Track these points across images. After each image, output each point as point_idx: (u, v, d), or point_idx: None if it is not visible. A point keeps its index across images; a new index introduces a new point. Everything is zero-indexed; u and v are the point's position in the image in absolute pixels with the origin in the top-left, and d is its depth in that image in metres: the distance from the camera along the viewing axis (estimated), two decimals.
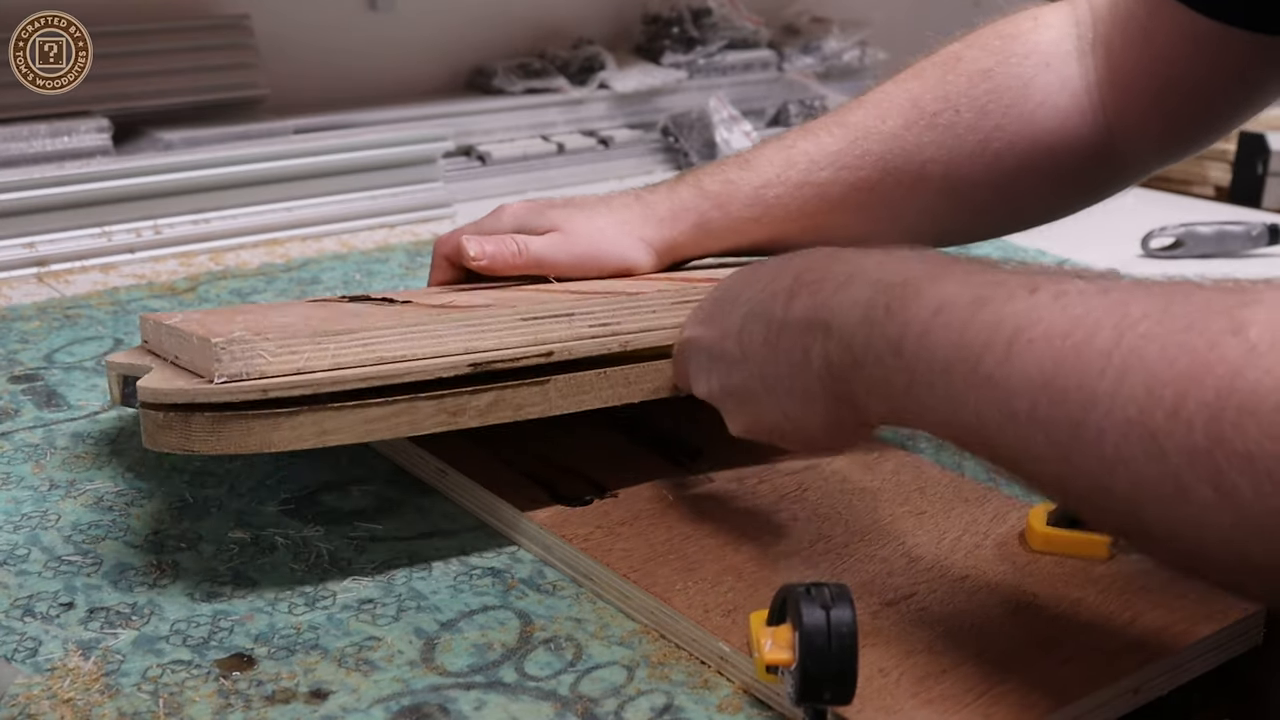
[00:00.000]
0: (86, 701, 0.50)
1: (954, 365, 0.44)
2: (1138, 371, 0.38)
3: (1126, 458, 0.39)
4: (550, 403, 0.61)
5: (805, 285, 0.52)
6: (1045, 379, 0.41)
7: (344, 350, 0.57)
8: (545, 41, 1.54)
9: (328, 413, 0.56)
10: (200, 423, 0.55)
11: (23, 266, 1.09)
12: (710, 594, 0.55)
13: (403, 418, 0.57)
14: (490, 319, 0.61)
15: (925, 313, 0.46)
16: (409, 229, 1.25)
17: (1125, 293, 0.41)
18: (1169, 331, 0.38)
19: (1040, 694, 0.48)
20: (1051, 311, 0.42)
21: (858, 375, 0.49)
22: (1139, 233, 1.15)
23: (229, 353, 0.55)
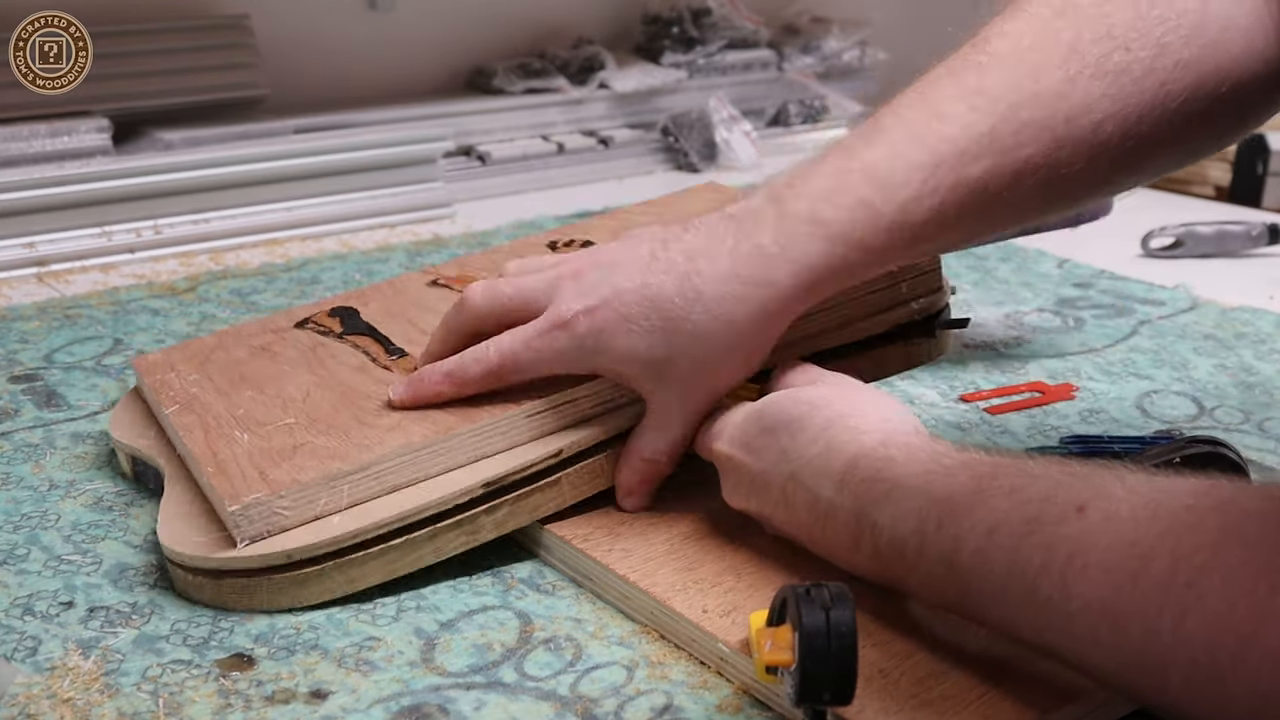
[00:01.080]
0: (86, 701, 0.50)
1: (1010, 586, 0.45)
2: (1197, 613, 0.39)
3: (1195, 693, 0.39)
4: (564, 497, 0.62)
5: (855, 480, 0.52)
6: (1104, 608, 0.41)
7: (358, 488, 0.58)
8: (545, 41, 1.54)
9: (353, 564, 0.57)
10: (230, 586, 0.57)
11: (23, 266, 1.09)
12: (710, 594, 0.55)
13: (425, 550, 0.58)
14: (496, 425, 0.61)
15: (979, 531, 0.46)
16: (409, 229, 1.25)
17: (1174, 518, 0.41)
18: (1226, 567, 0.38)
19: (1040, 694, 0.48)
20: (1105, 537, 0.42)
21: (910, 576, 0.50)
22: (1139, 233, 1.15)
23: (246, 517, 0.56)
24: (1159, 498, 0.42)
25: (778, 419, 0.57)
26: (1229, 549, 0.39)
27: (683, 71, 1.55)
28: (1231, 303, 1.01)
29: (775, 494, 0.56)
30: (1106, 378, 0.86)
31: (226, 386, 0.69)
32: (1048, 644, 0.45)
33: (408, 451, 0.59)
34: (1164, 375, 0.86)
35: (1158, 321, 0.97)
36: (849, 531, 0.52)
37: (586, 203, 1.33)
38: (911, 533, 0.49)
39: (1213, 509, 0.41)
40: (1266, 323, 0.96)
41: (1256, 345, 0.92)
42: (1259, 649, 0.37)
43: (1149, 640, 0.40)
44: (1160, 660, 0.40)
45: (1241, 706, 0.38)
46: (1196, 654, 0.39)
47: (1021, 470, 0.47)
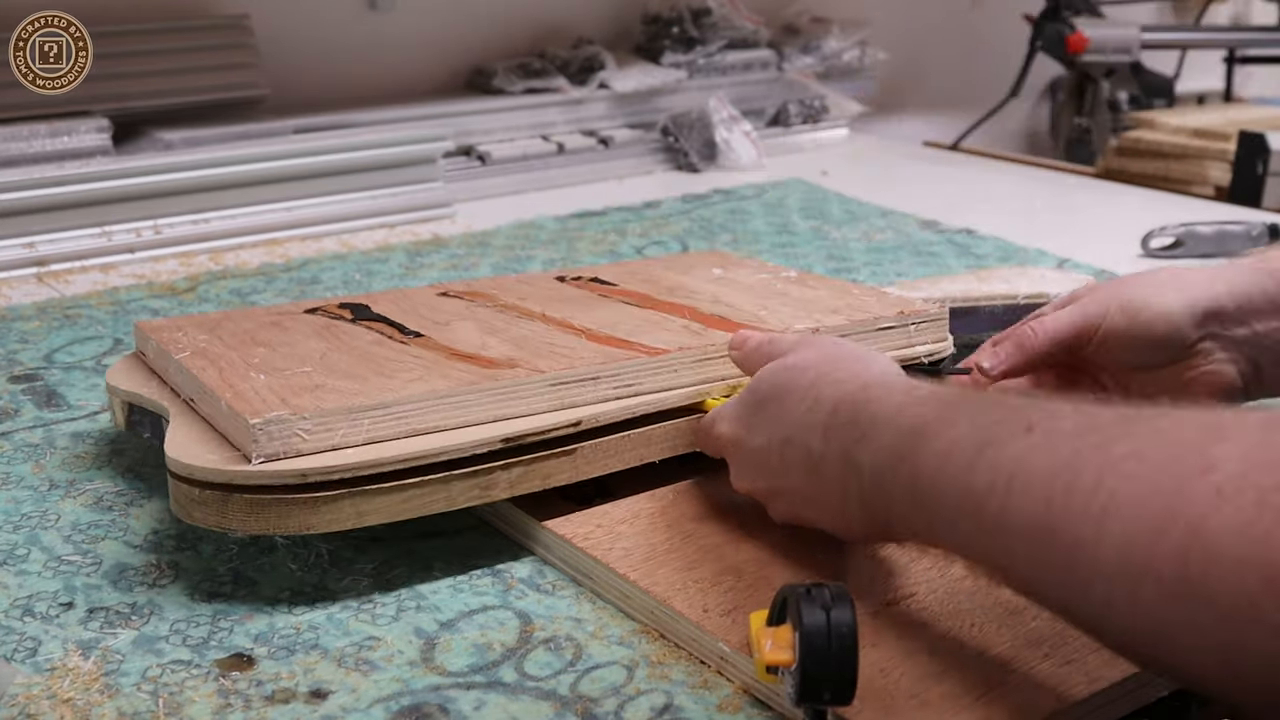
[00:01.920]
0: (86, 701, 0.50)
1: (962, 511, 0.46)
2: (1115, 517, 0.39)
3: (1114, 602, 0.40)
4: (577, 469, 0.62)
5: (838, 426, 0.53)
6: (1038, 524, 0.42)
7: (378, 425, 0.58)
8: (545, 41, 1.54)
9: (365, 496, 0.57)
10: (238, 504, 0.56)
11: (23, 266, 1.09)
12: (710, 594, 0.55)
13: (437, 495, 0.58)
14: (519, 386, 0.62)
15: (935, 459, 0.47)
16: (409, 229, 1.25)
17: (1113, 429, 0.42)
18: (1145, 472, 0.39)
19: (1040, 694, 0.48)
20: (1043, 455, 0.43)
21: (890, 513, 0.51)
22: (1139, 232, 1.15)
23: (266, 433, 0.56)
24: (1102, 414, 0.43)
25: (768, 392, 0.59)
26: (1151, 453, 0.39)
27: (683, 71, 1.54)
28: None
29: (775, 463, 0.57)
30: None
31: (238, 345, 0.69)
32: (996, 567, 0.46)
33: (430, 397, 0.59)
34: None
35: None
36: (838, 481, 0.53)
37: (586, 203, 1.33)
38: (886, 467, 0.50)
39: (1148, 418, 0.41)
40: None
41: None
42: (1163, 547, 0.37)
43: (1075, 554, 0.40)
44: (1085, 572, 0.40)
45: (1151, 611, 0.38)
46: (1113, 559, 0.39)
47: (984, 398, 0.49)
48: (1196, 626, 0.37)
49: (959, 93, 2.01)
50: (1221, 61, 2.05)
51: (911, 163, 1.61)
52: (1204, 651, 0.38)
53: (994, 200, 1.37)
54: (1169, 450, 0.39)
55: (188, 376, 0.65)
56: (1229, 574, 0.36)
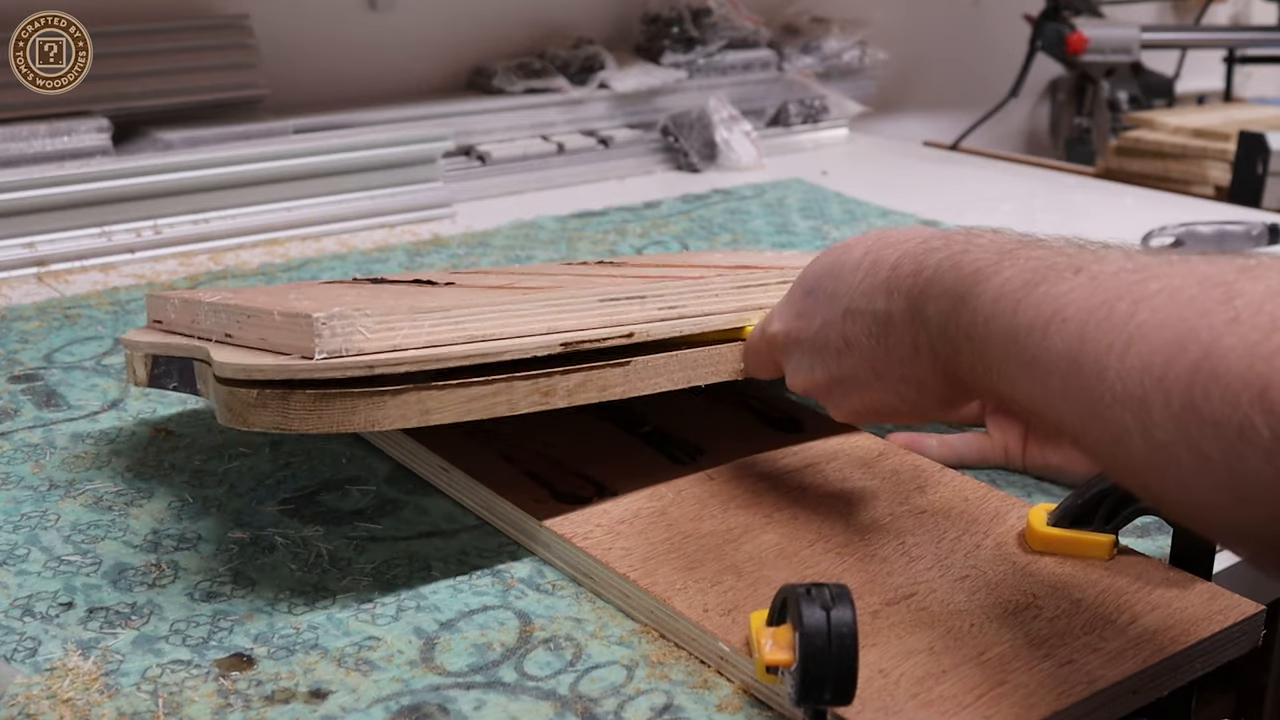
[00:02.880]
0: (86, 701, 0.50)
1: (1009, 349, 0.46)
2: (1137, 344, 0.40)
3: (1130, 428, 0.40)
4: (630, 384, 0.62)
5: (903, 279, 0.53)
6: (1071, 356, 0.42)
7: (438, 328, 0.57)
8: (545, 41, 1.54)
9: (431, 392, 0.55)
10: (300, 400, 0.54)
11: (23, 266, 1.09)
12: (710, 594, 0.55)
13: (500, 397, 0.57)
14: (571, 299, 0.62)
15: (988, 300, 0.47)
16: (409, 229, 1.25)
17: (1154, 269, 0.42)
18: (1174, 303, 0.40)
19: (1040, 694, 0.48)
20: (1085, 291, 0.43)
21: (956, 360, 0.50)
22: (1139, 232, 1.15)
23: (329, 328, 0.55)
24: (1146, 256, 0.43)
25: (819, 273, 0.58)
26: (1184, 287, 0.40)
27: (683, 71, 1.54)
28: None
29: (836, 342, 0.56)
30: None
31: (267, 295, 0.67)
32: (1034, 407, 0.45)
33: (489, 302, 0.59)
34: None
35: None
36: (908, 337, 0.52)
37: (586, 203, 1.33)
38: (949, 310, 0.49)
39: (1186, 259, 0.42)
40: None
41: None
42: (1175, 368, 0.38)
43: (1100, 382, 0.41)
44: (1107, 399, 0.40)
45: (1159, 434, 0.39)
46: (1132, 386, 0.39)
47: (1039, 243, 0.49)
48: (1199, 452, 0.37)
49: (959, 93, 2.01)
50: (1221, 61, 2.05)
51: (911, 163, 1.61)
52: (1205, 480, 0.38)
53: (994, 200, 1.37)
54: (1199, 285, 0.39)
55: (225, 311, 0.63)
56: (1229, 392, 0.36)
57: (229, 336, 0.63)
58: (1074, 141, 2.01)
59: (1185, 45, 2.07)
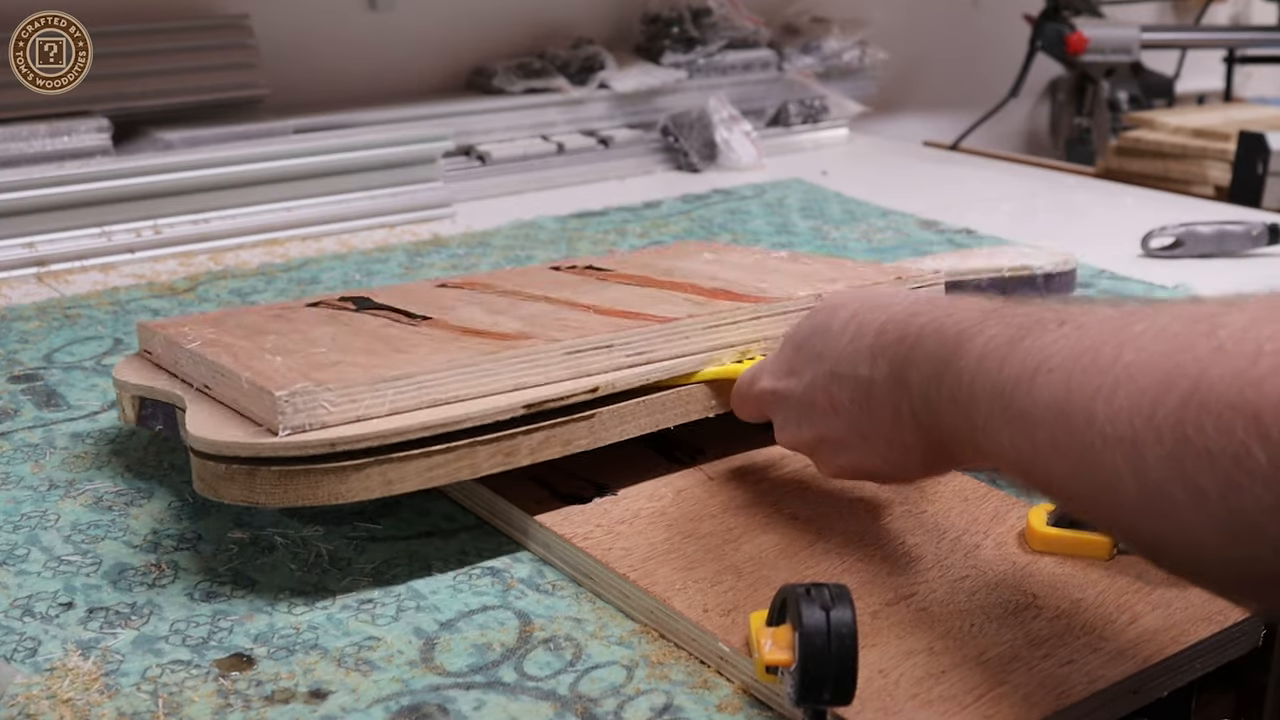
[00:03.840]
0: (86, 701, 0.50)
1: (995, 405, 0.45)
2: (1127, 385, 0.39)
3: (1122, 472, 0.39)
4: (595, 435, 0.63)
5: (887, 345, 0.53)
6: (1059, 406, 0.42)
7: (401, 395, 0.59)
8: (545, 41, 1.54)
9: (393, 464, 0.57)
10: (266, 476, 0.56)
11: (23, 266, 1.09)
12: (710, 594, 0.55)
13: (463, 462, 0.59)
14: (537, 354, 0.63)
15: (973, 359, 0.47)
16: (409, 229, 1.25)
17: (1138, 313, 0.42)
18: (1159, 341, 0.39)
19: (1040, 694, 0.48)
20: (1070, 340, 0.43)
21: (939, 427, 0.50)
22: (1139, 232, 1.15)
23: (292, 405, 0.56)
24: (1131, 302, 0.43)
25: (807, 333, 0.59)
26: (1168, 326, 0.40)
27: (683, 71, 1.54)
28: None
29: (822, 403, 0.56)
30: None
31: (247, 335, 0.69)
32: (1023, 463, 0.45)
33: (451, 366, 0.60)
34: None
35: None
36: (891, 404, 0.52)
37: (586, 203, 1.33)
38: (932, 376, 0.49)
39: (1170, 301, 0.42)
40: None
41: None
42: (1165, 405, 0.37)
43: (1089, 430, 0.40)
44: (1097, 446, 0.40)
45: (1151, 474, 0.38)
46: (1122, 428, 0.39)
47: (1024, 300, 0.48)
48: (1194, 488, 0.37)
49: (959, 93, 2.01)
50: (1221, 61, 2.05)
51: (911, 163, 1.61)
52: (1201, 517, 0.37)
53: (994, 200, 1.37)
54: (1183, 322, 0.39)
55: (202, 363, 0.65)
56: (1222, 422, 0.36)
57: (207, 388, 0.64)
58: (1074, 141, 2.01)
59: (1185, 45, 2.07)
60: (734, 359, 0.68)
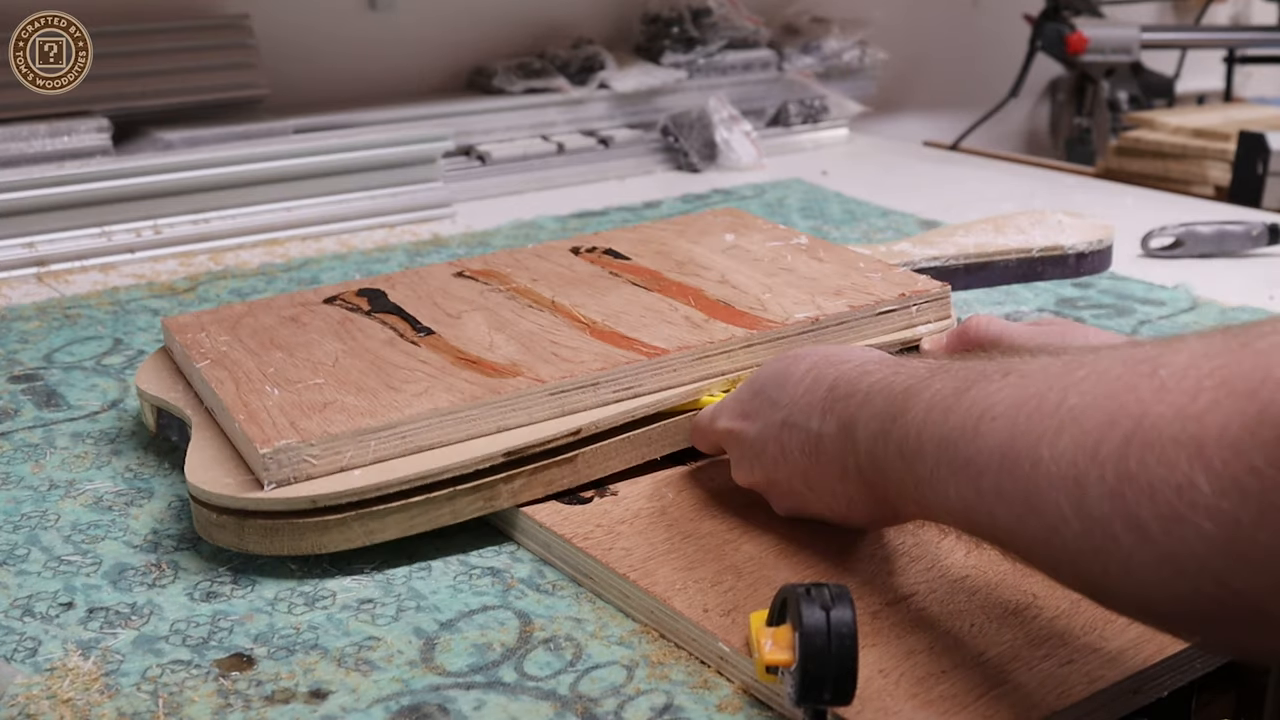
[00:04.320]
0: (86, 701, 0.50)
1: (941, 455, 0.46)
2: (1071, 427, 0.40)
3: (1065, 512, 0.40)
4: (578, 474, 0.64)
5: (837, 401, 0.54)
6: (1003, 451, 0.43)
7: (383, 445, 0.60)
8: (545, 41, 1.54)
9: (374, 516, 0.59)
10: (253, 528, 0.59)
11: (23, 266, 1.09)
12: (710, 594, 0.55)
13: (443, 510, 0.61)
14: (520, 397, 0.63)
15: (919, 412, 0.48)
16: (409, 229, 1.25)
17: (1081, 359, 0.42)
18: (1102, 383, 0.40)
19: (1040, 694, 0.48)
20: (1014, 389, 0.44)
21: (884, 485, 0.51)
22: (1139, 232, 1.15)
23: (276, 461, 0.58)
24: (1077, 352, 0.44)
25: (767, 379, 0.59)
26: (1111, 369, 0.40)
27: (683, 71, 1.54)
28: (1231, 303, 1.00)
29: (773, 450, 0.57)
30: None
31: (257, 348, 0.71)
32: (968, 512, 0.45)
33: (434, 415, 0.61)
34: None
35: (1158, 321, 0.97)
36: (837, 459, 0.53)
37: (586, 203, 1.33)
38: (879, 433, 0.50)
39: (1113, 345, 0.42)
40: None
41: None
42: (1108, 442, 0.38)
43: (1034, 474, 0.41)
44: (1043, 489, 0.40)
45: (1095, 512, 0.39)
46: (1065, 468, 0.39)
47: (974, 358, 0.49)
48: (1137, 524, 0.37)
49: (959, 93, 2.01)
50: (1221, 61, 2.05)
51: (911, 163, 1.61)
52: (1145, 554, 0.38)
53: (994, 200, 1.37)
54: (1124, 364, 0.40)
55: (208, 389, 0.67)
56: (1165, 456, 0.37)
57: (213, 412, 0.67)
58: (1074, 141, 2.01)
59: (1185, 45, 2.07)
60: (723, 388, 0.68)
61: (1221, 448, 0.35)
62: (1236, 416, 0.35)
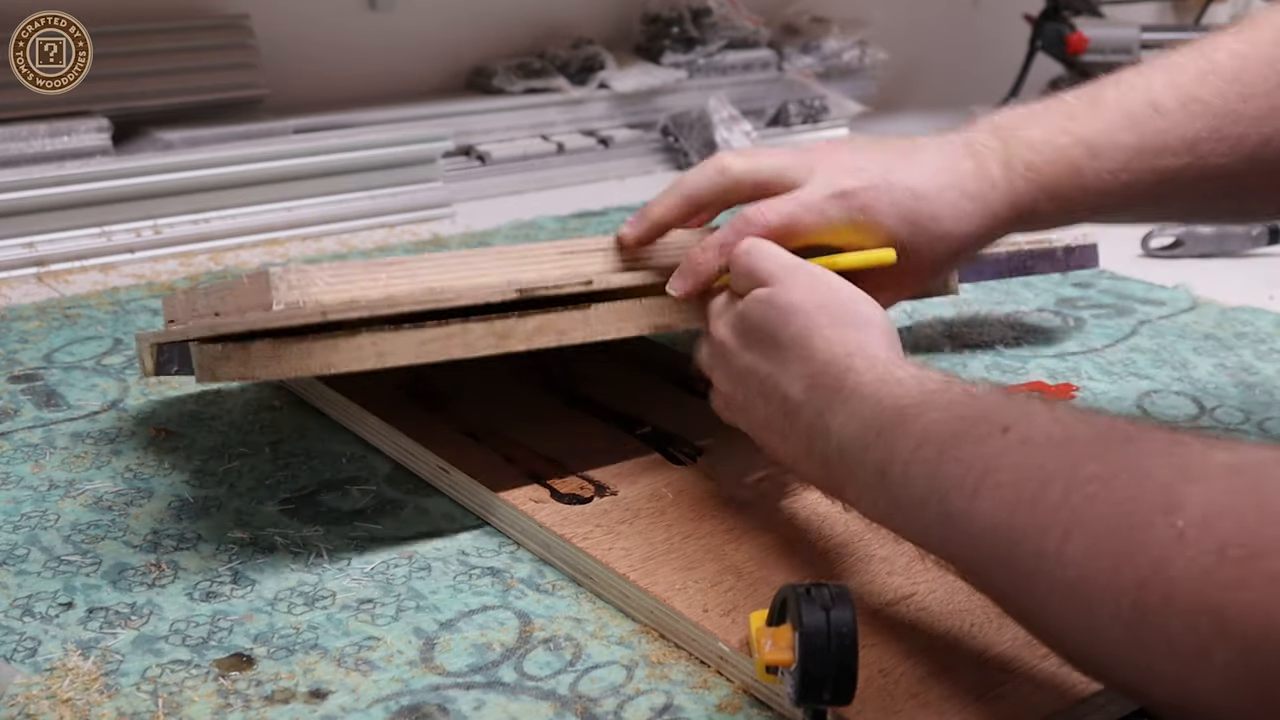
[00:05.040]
0: (86, 701, 0.50)
1: (928, 501, 0.46)
2: (1078, 536, 0.40)
3: (1069, 615, 0.41)
4: (591, 328, 0.62)
5: (820, 386, 0.54)
6: (1003, 526, 0.43)
7: (395, 280, 0.59)
8: (545, 41, 1.54)
9: (384, 334, 0.57)
10: (260, 349, 0.57)
11: (23, 266, 1.09)
12: (710, 594, 0.55)
13: (455, 339, 0.59)
14: (530, 254, 0.63)
15: (910, 444, 0.48)
16: (409, 229, 1.25)
17: (1083, 447, 0.43)
18: (1111, 500, 0.40)
19: (1040, 694, 0.48)
20: (1015, 458, 0.44)
21: (850, 483, 0.52)
22: (1139, 232, 1.15)
23: (286, 282, 0.57)
24: (1078, 428, 0.44)
25: (758, 323, 0.58)
26: (1118, 481, 0.40)
27: (683, 71, 1.54)
28: (1231, 303, 1.00)
29: (755, 386, 0.58)
30: (1106, 377, 0.86)
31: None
32: (956, 562, 0.47)
33: (447, 258, 0.61)
34: (1164, 375, 0.86)
35: (1158, 321, 0.97)
36: (806, 435, 0.54)
37: (586, 202, 1.33)
38: (855, 439, 0.50)
39: (1120, 441, 0.42)
40: (1266, 323, 0.96)
41: (1256, 345, 0.92)
42: (1124, 579, 0.38)
43: (1037, 562, 0.41)
44: (1045, 580, 0.41)
45: (1105, 634, 0.39)
46: (1072, 575, 0.40)
47: (965, 390, 0.49)
48: (1149, 658, 0.38)
49: (959, 93, 2.00)
50: None
51: None
52: (1156, 679, 0.39)
53: None
54: (1138, 482, 0.40)
55: (215, 291, 0.65)
56: (1184, 617, 0.37)
57: (216, 315, 0.65)
58: None
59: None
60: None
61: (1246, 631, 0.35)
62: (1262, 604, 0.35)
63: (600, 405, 0.74)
